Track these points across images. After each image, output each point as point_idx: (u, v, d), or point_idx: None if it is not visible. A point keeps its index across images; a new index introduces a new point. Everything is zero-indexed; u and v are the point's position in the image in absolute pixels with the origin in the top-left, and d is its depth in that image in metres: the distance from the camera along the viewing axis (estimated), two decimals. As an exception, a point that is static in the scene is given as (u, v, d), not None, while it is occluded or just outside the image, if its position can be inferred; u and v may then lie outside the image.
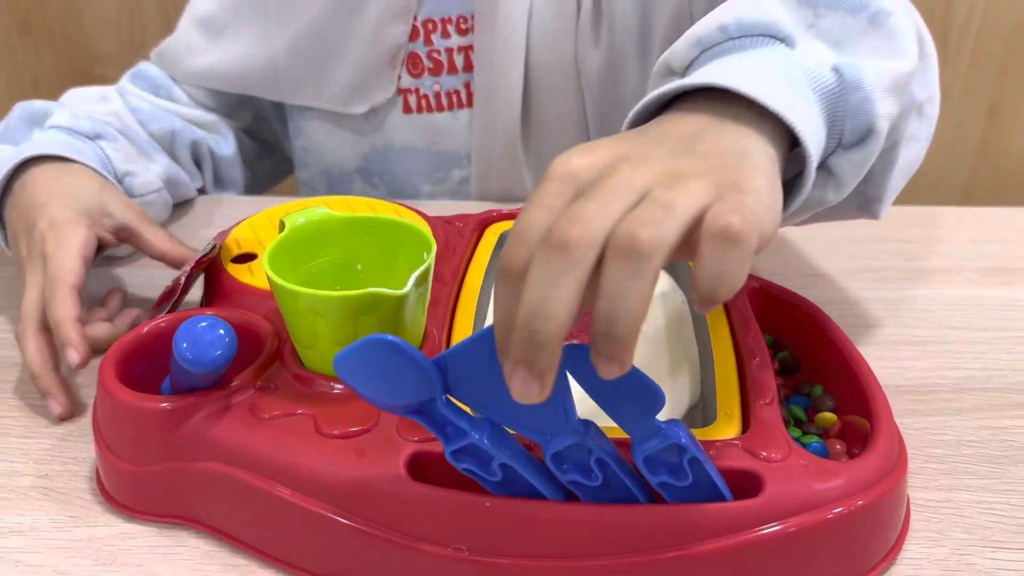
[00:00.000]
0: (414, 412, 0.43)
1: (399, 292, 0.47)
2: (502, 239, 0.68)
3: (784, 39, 0.49)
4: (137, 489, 0.52)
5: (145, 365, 0.53)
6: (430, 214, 0.70)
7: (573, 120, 0.87)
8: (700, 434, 0.48)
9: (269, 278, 0.49)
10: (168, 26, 1.44)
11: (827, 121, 0.48)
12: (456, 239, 0.67)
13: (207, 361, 0.47)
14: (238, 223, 0.67)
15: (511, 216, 0.71)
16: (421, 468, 0.46)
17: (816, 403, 0.57)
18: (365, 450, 0.47)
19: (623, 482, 0.44)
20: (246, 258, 0.63)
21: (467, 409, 0.43)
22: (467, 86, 0.86)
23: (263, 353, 0.53)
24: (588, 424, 0.42)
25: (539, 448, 0.46)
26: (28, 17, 1.49)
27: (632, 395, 0.40)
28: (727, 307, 0.59)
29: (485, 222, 0.70)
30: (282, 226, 0.54)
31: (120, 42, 1.50)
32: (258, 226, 0.66)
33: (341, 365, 0.40)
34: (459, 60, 0.85)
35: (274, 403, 0.50)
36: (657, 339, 0.58)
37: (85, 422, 0.60)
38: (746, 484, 0.45)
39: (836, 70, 0.48)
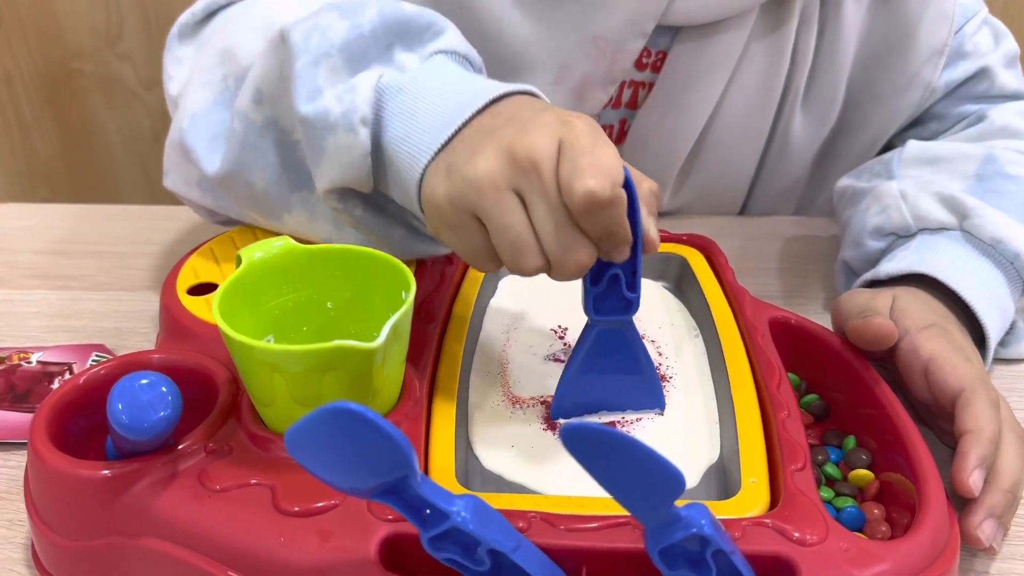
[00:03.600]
0: (383, 494, 0.36)
1: (371, 345, 0.41)
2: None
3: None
4: (74, 566, 0.45)
5: (84, 419, 0.47)
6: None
7: (731, 181, 0.81)
8: (723, 508, 0.42)
9: (220, 328, 0.42)
10: (146, 19, 1.37)
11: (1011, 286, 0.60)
12: (442, 262, 0.60)
13: (145, 427, 0.40)
14: (197, 247, 0.60)
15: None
16: (396, 554, 0.40)
17: (849, 457, 0.50)
18: (330, 531, 0.40)
19: None
20: (204, 289, 0.56)
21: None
22: (622, 123, 0.76)
23: (216, 406, 0.46)
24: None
25: (535, 532, 0.40)
26: (0, 10, 1.42)
27: (646, 478, 0.34)
28: (748, 346, 0.53)
29: (475, 244, 0.63)
30: (239, 261, 0.47)
31: (95, 35, 1.43)
32: (220, 251, 0.60)
33: (294, 442, 0.34)
34: (627, 94, 0.75)
35: (226, 470, 0.43)
36: (671, 388, 0.51)
37: (20, 476, 0.53)
38: (779, 572, 0.39)
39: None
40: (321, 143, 0.51)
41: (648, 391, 0.50)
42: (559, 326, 0.57)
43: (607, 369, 0.49)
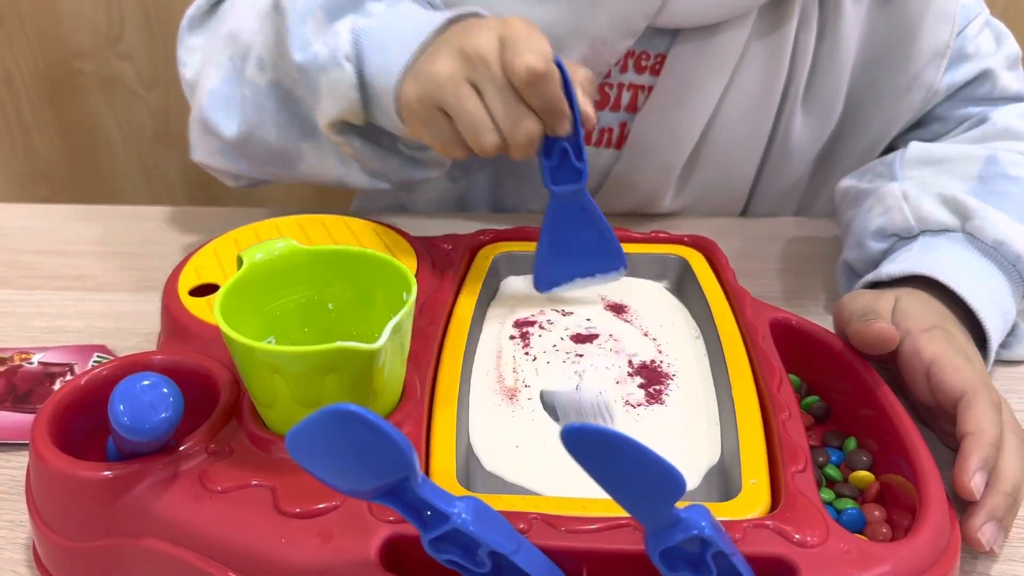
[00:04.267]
0: (384, 495, 0.36)
1: (371, 347, 0.41)
2: (495, 264, 0.62)
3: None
4: (75, 566, 0.45)
5: (85, 420, 0.47)
6: (417, 233, 0.63)
7: (732, 182, 0.81)
8: (723, 509, 0.42)
9: (221, 329, 0.42)
10: (147, 19, 1.37)
11: (1013, 288, 0.60)
12: (444, 264, 0.61)
13: (147, 428, 0.40)
14: (198, 248, 0.60)
15: (504, 237, 0.64)
16: (397, 555, 0.40)
17: (850, 459, 0.50)
18: (331, 532, 0.40)
19: None
20: (207, 290, 0.56)
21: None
22: (622, 127, 0.76)
23: (218, 407, 0.46)
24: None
25: (535, 533, 0.40)
26: (0, 9, 1.42)
27: (647, 480, 0.34)
28: (749, 348, 0.53)
29: (476, 245, 0.63)
30: (240, 263, 0.47)
31: (96, 35, 1.43)
32: (222, 251, 0.60)
33: (295, 443, 0.34)
34: (626, 97, 0.75)
35: (227, 472, 0.43)
36: (672, 387, 0.51)
37: (22, 476, 0.53)
38: (779, 574, 0.39)
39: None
40: (316, 83, 0.61)
41: (610, 251, 0.58)
42: (560, 326, 0.57)
43: (572, 233, 0.57)
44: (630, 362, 0.53)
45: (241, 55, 0.67)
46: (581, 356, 0.54)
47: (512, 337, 0.56)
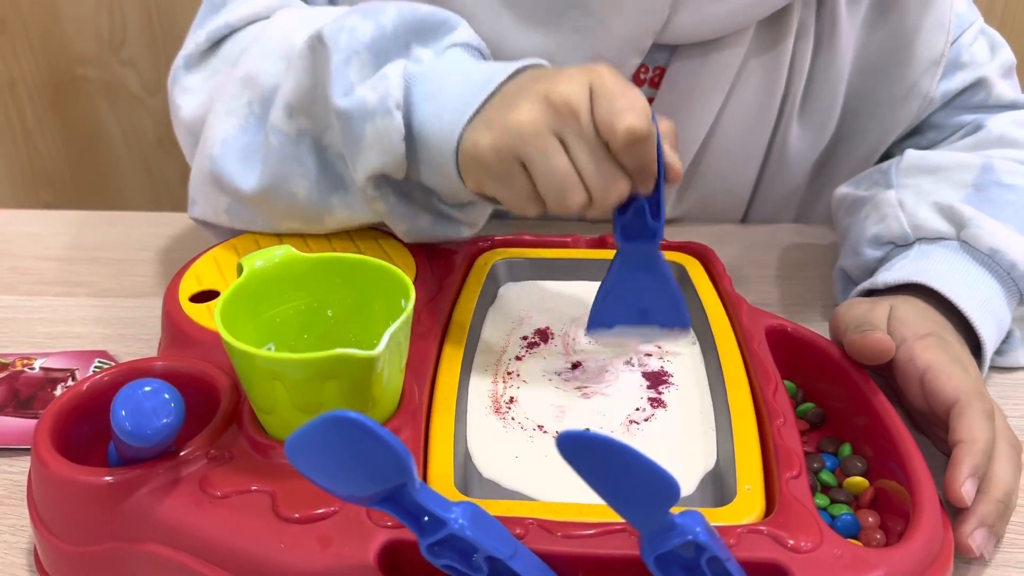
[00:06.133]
0: (382, 501, 0.37)
1: (370, 353, 0.41)
2: (493, 270, 0.62)
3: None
4: (76, 571, 0.46)
5: (87, 425, 0.47)
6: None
7: (731, 192, 0.81)
8: (718, 515, 0.42)
9: (221, 336, 0.42)
10: (150, 24, 1.38)
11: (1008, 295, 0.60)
12: (442, 270, 0.61)
13: (148, 433, 0.41)
14: (199, 255, 0.61)
15: (502, 244, 0.64)
16: (395, 560, 0.40)
17: (845, 465, 0.51)
18: (330, 537, 0.41)
19: None
20: (207, 296, 0.57)
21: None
22: None
23: (218, 413, 0.47)
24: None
25: (532, 538, 0.40)
26: (4, 15, 1.43)
27: (642, 485, 0.35)
28: (745, 354, 0.53)
29: (475, 252, 0.63)
30: (240, 270, 0.48)
31: (99, 41, 1.43)
32: (222, 258, 0.60)
33: (293, 449, 0.34)
34: None
35: (228, 477, 0.44)
36: (669, 394, 0.52)
37: (23, 482, 0.53)
38: (772, 580, 0.39)
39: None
40: (361, 131, 0.54)
41: (674, 311, 0.54)
42: (559, 332, 0.57)
43: (634, 289, 0.54)
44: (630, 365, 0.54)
45: (262, 100, 0.60)
46: (579, 364, 0.54)
47: (510, 343, 0.56)
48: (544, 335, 0.57)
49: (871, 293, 0.62)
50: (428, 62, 0.56)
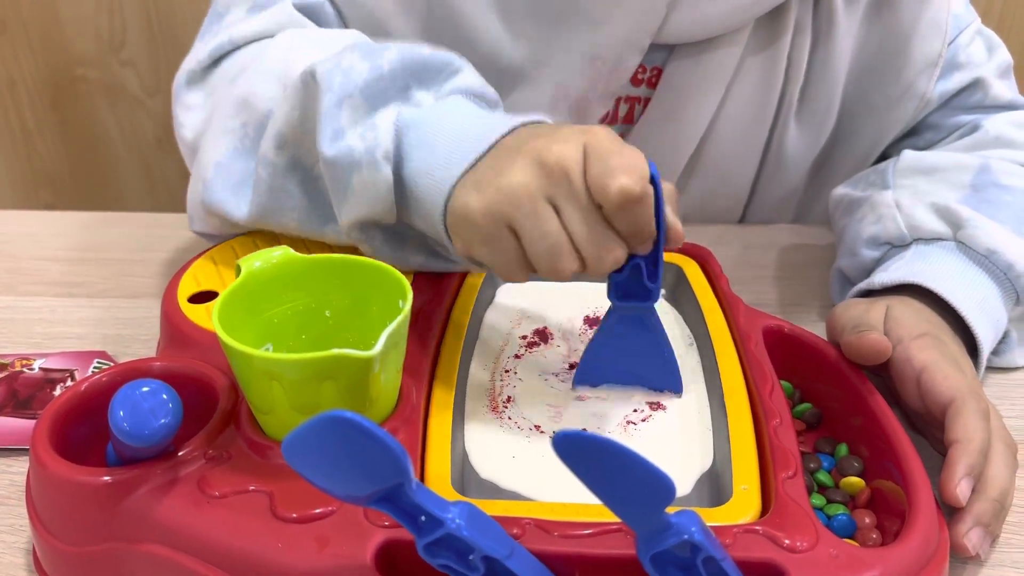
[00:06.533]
0: (379, 501, 0.37)
1: (367, 354, 0.41)
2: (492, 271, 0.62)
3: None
4: (75, 571, 0.46)
5: (85, 426, 0.47)
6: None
7: (729, 192, 0.81)
8: (714, 515, 0.42)
9: (219, 337, 0.42)
10: (149, 25, 1.38)
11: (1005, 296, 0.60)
12: (439, 272, 0.61)
13: (146, 434, 0.41)
14: (198, 255, 0.61)
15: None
16: (392, 560, 0.41)
17: (841, 465, 0.51)
18: (327, 537, 0.41)
19: None
20: (205, 297, 0.57)
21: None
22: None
23: (216, 413, 0.47)
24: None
25: (528, 538, 0.40)
26: (3, 15, 1.43)
27: (638, 485, 0.35)
28: (741, 355, 0.53)
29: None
30: (238, 271, 0.48)
31: (99, 41, 1.44)
32: (221, 259, 0.60)
33: (290, 450, 0.34)
34: (623, 110, 0.76)
35: (226, 477, 0.44)
36: (666, 394, 0.52)
37: (22, 482, 0.53)
38: (768, 579, 0.39)
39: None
40: (346, 181, 0.52)
41: (666, 372, 0.52)
42: (556, 333, 0.57)
43: (627, 349, 0.51)
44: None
45: (256, 124, 0.59)
46: (575, 365, 0.54)
47: (508, 344, 0.56)
48: (543, 335, 0.57)
49: (868, 293, 0.62)
50: (426, 107, 0.53)
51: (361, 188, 0.52)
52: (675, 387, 0.52)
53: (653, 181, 0.45)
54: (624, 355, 0.52)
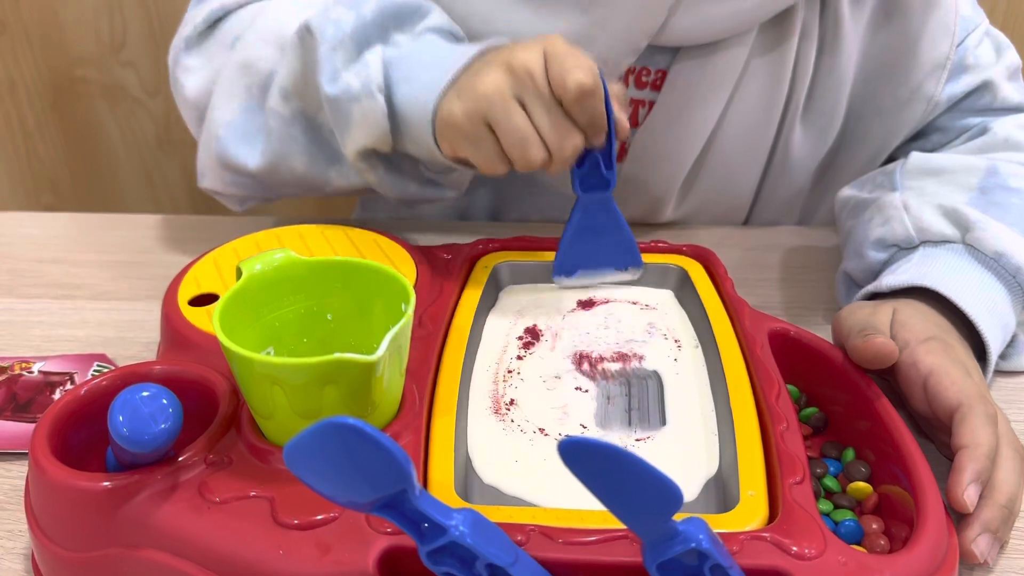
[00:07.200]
0: (382, 508, 0.36)
1: (370, 358, 0.41)
2: (494, 273, 0.62)
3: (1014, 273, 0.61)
4: (73, 576, 0.45)
5: (85, 430, 0.47)
6: (417, 243, 0.63)
7: (734, 194, 0.81)
8: (721, 521, 0.42)
9: (220, 341, 0.42)
10: (150, 26, 1.37)
11: (1013, 299, 0.60)
12: (443, 274, 0.61)
13: (146, 439, 0.40)
14: (199, 258, 0.60)
15: (503, 247, 0.64)
16: (394, 567, 0.40)
17: (848, 470, 0.50)
18: (329, 544, 0.40)
19: None
20: (206, 299, 0.56)
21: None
22: (623, 141, 0.76)
23: (217, 418, 0.46)
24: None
25: (533, 545, 0.40)
26: (3, 16, 1.42)
27: (644, 493, 0.34)
28: (747, 358, 0.53)
29: (475, 255, 0.63)
30: (239, 274, 0.47)
31: (100, 43, 1.43)
32: (222, 261, 0.60)
33: (292, 456, 0.34)
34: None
35: (226, 482, 0.43)
36: (671, 397, 0.51)
37: (21, 486, 0.53)
38: (776, 587, 0.39)
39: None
40: (348, 113, 0.61)
41: (628, 251, 0.61)
42: (558, 334, 0.57)
43: (594, 233, 0.60)
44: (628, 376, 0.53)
45: (260, 84, 0.67)
46: (579, 367, 0.54)
47: (511, 347, 0.56)
48: (534, 333, 0.56)
49: (875, 296, 0.61)
50: (405, 46, 0.63)
51: (361, 118, 0.61)
52: (636, 262, 0.62)
53: (602, 81, 0.54)
54: (592, 241, 0.60)
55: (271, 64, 0.66)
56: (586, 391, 0.52)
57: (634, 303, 0.60)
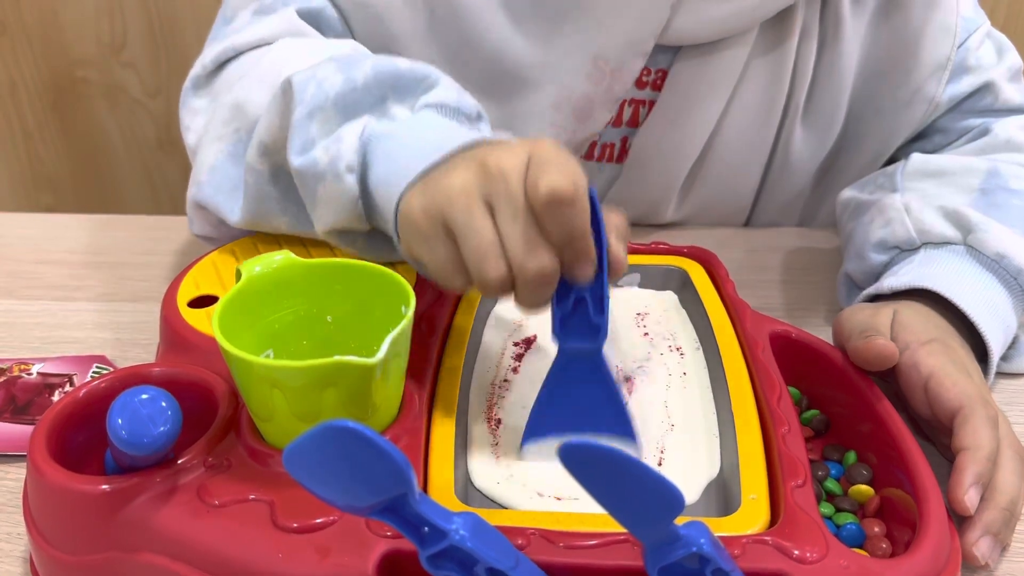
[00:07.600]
0: (382, 512, 0.36)
1: (370, 361, 0.41)
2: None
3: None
4: (72, 580, 0.45)
5: (84, 432, 0.47)
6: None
7: (734, 195, 0.81)
8: (723, 525, 0.42)
9: (219, 343, 0.42)
10: (150, 27, 1.37)
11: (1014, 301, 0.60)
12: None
13: (145, 442, 0.40)
14: (198, 259, 0.60)
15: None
16: (394, 570, 0.40)
17: (850, 473, 0.50)
18: (328, 547, 0.40)
19: None
20: (205, 301, 0.56)
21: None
22: (623, 141, 0.76)
23: (216, 421, 0.46)
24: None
25: (533, 549, 0.40)
26: (3, 17, 1.42)
27: (645, 497, 0.34)
28: (749, 360, 0.52)
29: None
30: (239, 275, 0.47)
31: (100, 44, 1.43)
32: (221, 263, 0.59)
33: (291, 460, 0.34)
34: (627, 112, 0.75)
35: (226, 486, 0.43)
36: (670, 399, 0.51)
37: (19, 489, 0.53)
38: (778, 591, 0.38)
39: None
40: (312, 191, 0.54)
41: (618, 422, 0.48)
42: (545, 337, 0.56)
43: (576, 394, 0.48)
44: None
45: (248, 130, 0.60)
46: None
47: (511, 349, 0.55)
48: (545, 340, 0.56)
49: (876, 298, 0.61)
50: (399, 120, 0.54)
51: (326, 198, 0.53)
52: (628, 433, 0.48)
53: (593, 205, 0.44)
54: (571, 405, 0.48)
55: (260, 109, 0.59)
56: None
57: (634, 305, 0.60)
